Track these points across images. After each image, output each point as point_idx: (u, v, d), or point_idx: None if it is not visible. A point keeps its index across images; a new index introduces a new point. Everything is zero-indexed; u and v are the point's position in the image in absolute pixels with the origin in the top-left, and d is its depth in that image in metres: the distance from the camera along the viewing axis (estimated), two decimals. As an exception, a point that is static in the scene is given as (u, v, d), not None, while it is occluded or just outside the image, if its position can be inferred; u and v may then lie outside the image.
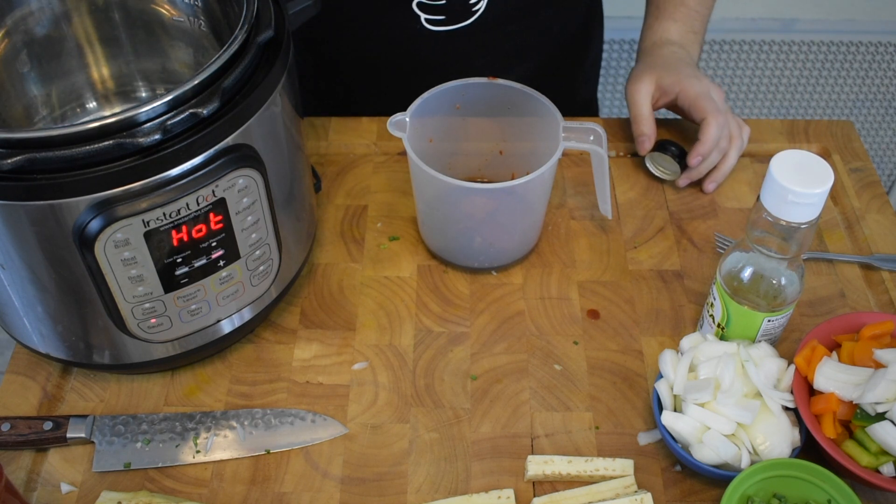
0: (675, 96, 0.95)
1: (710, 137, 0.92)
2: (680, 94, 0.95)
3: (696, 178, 0.96)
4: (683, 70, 0.96)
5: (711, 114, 0.92)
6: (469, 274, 0.90)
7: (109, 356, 0.75)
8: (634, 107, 0.96)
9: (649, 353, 0.83)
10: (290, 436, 0.77)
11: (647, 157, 0.98)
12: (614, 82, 1.81)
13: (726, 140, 0.94)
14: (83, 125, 0.59)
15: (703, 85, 0.95)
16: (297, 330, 0.85)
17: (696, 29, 1.03)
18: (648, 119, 0.96)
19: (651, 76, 0.96)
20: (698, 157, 0.93)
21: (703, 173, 0.96)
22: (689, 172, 0.96)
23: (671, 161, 0.97)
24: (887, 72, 1.78)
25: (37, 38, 0.82)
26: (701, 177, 0.96)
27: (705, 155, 0.93)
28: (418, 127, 0.85)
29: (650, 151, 0.97)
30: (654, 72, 0.96)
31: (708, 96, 0.93)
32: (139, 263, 0.66)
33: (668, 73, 0.96)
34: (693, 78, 0.95)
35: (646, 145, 0.95)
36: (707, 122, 0.92)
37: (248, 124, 0.67)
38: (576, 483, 0.74)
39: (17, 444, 0.75)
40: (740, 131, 0.95)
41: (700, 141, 0.93)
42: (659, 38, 1.02)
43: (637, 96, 0.96)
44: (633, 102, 0.96)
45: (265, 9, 0.71)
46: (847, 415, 0.69)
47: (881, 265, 0.89)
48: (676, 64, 0.98)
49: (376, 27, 1.01)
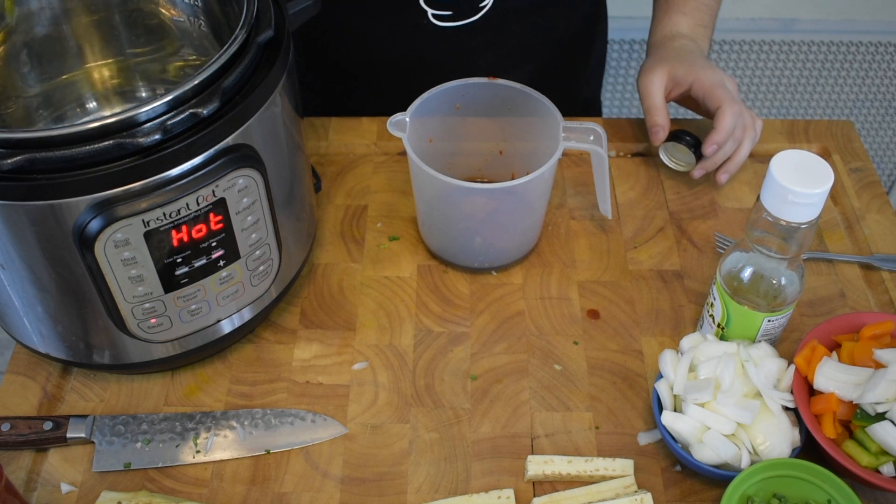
0: (689, 86, 0.94)
1: (726, 126, 0.91)
2: (694, 83, 0.93)
3: (710, 168, 0.95)
4: (696, 61, 0.96)
5: (727, 102, 0.91)
6: (469, 274, 0.90)
7: (109, 356, 0.75)
8: (648, 98, 0.95)
9: (649, 353, 0.83)
10: (290, 436, 0.77)
11: (662, 149, 0.98)
12: (613, 82, 1.81)
13: (741, 129, 0.93)
14: (83, 125, 0.59)
15: (718, 75, 0.94)
16: (297, 330, 0.85)
17: (706, 23, 1.03)
18: (662, 109, 0.95)
19: (664, 68, 0.95)
20: (713, 146, 0.92)
21: (718, 163, 0.94)
22: (704, 163, 0.94)
23: (686, 152, 0.96)
24: (887, 72, 1.78)
25: (37, 38, 0.82)
26: (716, 167, 0.95)
27: (721, 143, 0.92)
28: (418, 127, 0.85)
29: (664, 142, 0.96)
30: (666, 63, 0.95)
31: (723, 85, 0.93)
32: (139, 263, 0.66)
33: (680, 65, 0.95)
34: (707, 68, 0.94)
35: (660, 135, 0.94)
36: (722, 110, 0.91)
37: (248, 124, 0.67)
38: (576, 483, 0.74)
39: (17, 444, 0.75)
40: (753, 122, 0.95)
41: (716, 129, 0.91)
42: (669, 31, 1.01)
43: (650, 87, 0.95)
44: (647, 94, 0.95)
45: (265, 9, 0.71)
46: (847, 415, 0.69)
47: (881, 265, 0.89)
48: (688, 55, 0.97)
49: (382, 24, 1.01)
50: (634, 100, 1.84)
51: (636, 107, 1.85)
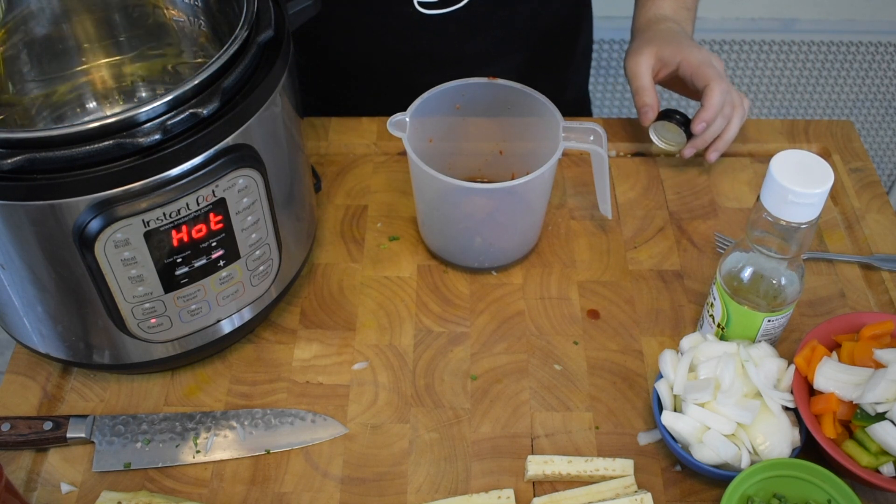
0: (677, 66, 0.94)
1: (715, 103, 0.91)
2: (682, 62, 0.94)
3: (700, 146, 0.95)
4: (682, 41, 0.96)
5: (715, 80, 0.91)
6: (469, 274, 0.90)
7: (109, 356, 0.75)
8: (636, 79, 0.95)
9: (649, 353, 0.83)
10: (290, 436, 0.77)
11: (651, 129, 0.97)
12: (604, 82, 1.81)
13: (730, 107, 0.93)
14: (83, 125, 0.59)
15: (704, 54, 0.94)
16: (297, 330, 0.85)
17: (689, 6, 1.04)
18: (650, 89, 0.95)
19: (650, 49, 0.95)
20: (702, 124, 0.92)
21: (707, 142, 0.94)
22: (694, 141, 0.94)
23: (676, 131, 0.95)
24: (887, 72, 1.78)
25: (37, 38, 0.82)
26: (706, 146, 0.95)
27: (709, 121, 0.92)
28: (418, 127, 0.85)
29: (654, 122, 0.96)
30: (652, 45, 0.96)
31: (710, 64, 0.93)
32: (139, 263, 0.66)
33: (667, 45, 0.95)
34: (693, 48, 0.95)
35: (650, 115, 0.95)
36: (710, 87, 0.91)
37: (248, 124, 0.67)
38: (576, 483, 0.74)
39: (17, 444, 0.75)
40: (742, 101, 0.95)
41: (704, 107, 0.92)
42: (653, 14, 1.02)
43: (637, 69, 0.95)
44: (634, 75, 0.95)
45: (265, 9, 0.71)
46: (847, 415, 0.69)
47: (881, 265, 0.89)
48: (674, 37, 0.97)
49: (369, 13, 1.01)
50: (626, 100, 1.84)
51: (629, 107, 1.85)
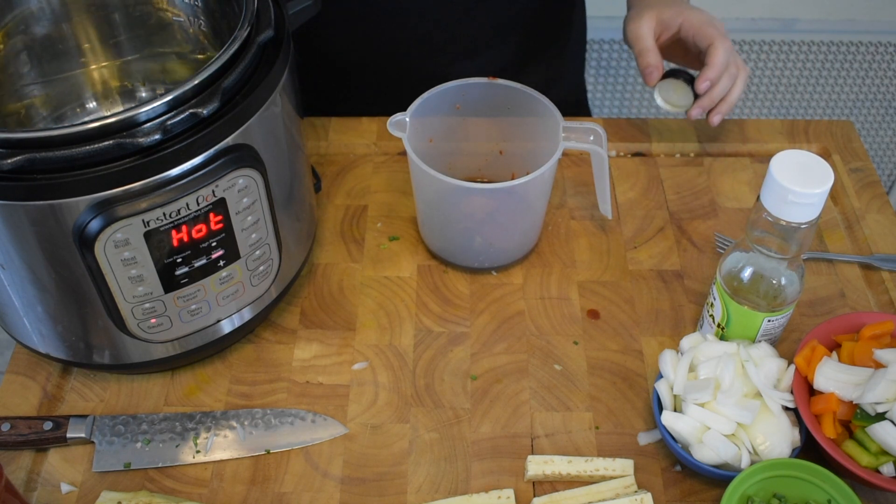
0: (678, 28, 0.94)
1: (719, 61, 0.90)
2: (683, 23, 0.93)
3: (708, 106, 0.93)
4: (682, 3, 0.96)
5: (718, 38, 0.90)
6: (469, 274, 0.90)
7: (109, 356, 0.75)
8: (638, 41, 0.94)
9: (649, 353, 0.83)
10: (290, 436, 0.77)
11: (657, 91, 0.96)
12: (604, 82, 1.81)
13: (735, 67, 0.92)
14: (83, 125, 0.59)
15: (705, 14, 0.93)
16: (297, 330, 0.85)
17: None
18: (653, 50, 0.94)
19: (651, 12, 0.95)
20: (707, 82, 0.91)
21: (714, 101, 0.93)
22: (700, 101, 0.93)
23: (683, 90, 0.94)
24: (887, 72, 1.78)
25: (37, 38, 0.82)
26: (713, 105, 0.93)
27: (714, 80, 0.91)
28: (418, 127, 0.85)
29: (659, 81, 0.94)
30: (653, 9, 0.95)
31: (712, 23, 0.92)
32: (139, 263, 0.66)
33: (667, 8, 0.95)
34: (694, 9, 0.94)
35: (654, 75, 0.93)
36: (714, 46, 0.90)
37: (248, 124, 0.67)
38: (576, 483, 0.74)
39: (17, 444, 0.75)
40: (744, 66, 0.94)
41: (708, 65, 0.90)
42: None
43: (639, 31, 0.94)
44: (637, 37, 0.94)
45: (265, 9, 0.71)
46: (847, 415, 0.69)
47: (881, 265, 0.89)
48: (673, 1, 0.97)
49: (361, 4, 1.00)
50: (626, 100, 1.84)
51: (629, 107, 1.85)
